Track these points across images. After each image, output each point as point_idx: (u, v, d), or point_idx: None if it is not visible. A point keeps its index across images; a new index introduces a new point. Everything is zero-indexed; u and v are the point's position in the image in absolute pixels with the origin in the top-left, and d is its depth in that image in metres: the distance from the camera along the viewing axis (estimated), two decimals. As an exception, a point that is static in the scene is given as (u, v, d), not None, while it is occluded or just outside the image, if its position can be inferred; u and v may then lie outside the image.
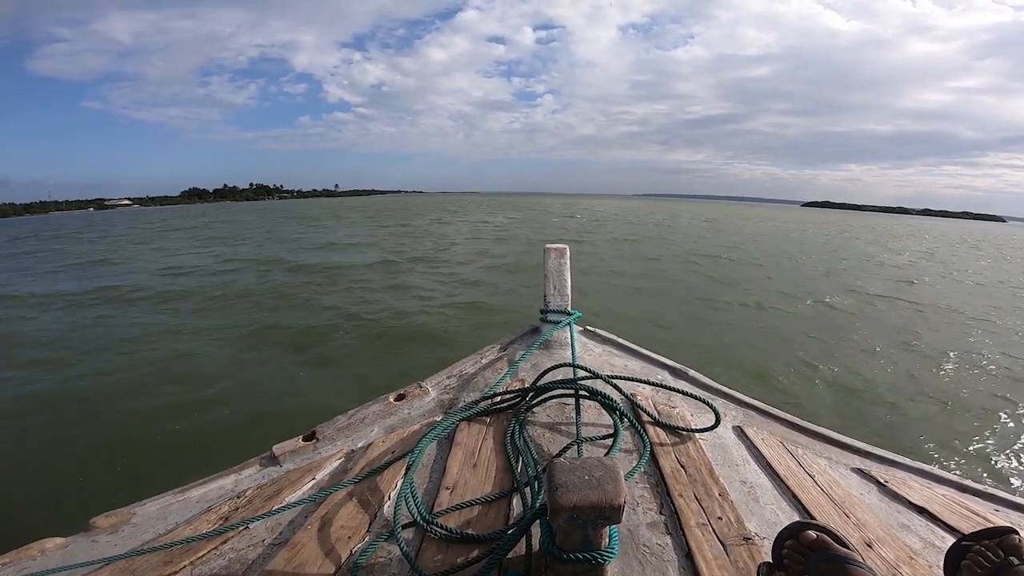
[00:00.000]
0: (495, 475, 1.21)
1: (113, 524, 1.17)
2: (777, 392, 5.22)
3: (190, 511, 1.20)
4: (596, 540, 0.81)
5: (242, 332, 7.19)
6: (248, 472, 1.35)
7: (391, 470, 1.24)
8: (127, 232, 30.25)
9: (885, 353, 6.73)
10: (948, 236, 43.59)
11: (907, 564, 0.97)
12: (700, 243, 21.12)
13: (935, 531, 1.13)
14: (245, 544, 1.05)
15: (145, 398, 4.92)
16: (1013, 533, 0.82)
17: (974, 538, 0.85)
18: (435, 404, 1.60)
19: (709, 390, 1.68)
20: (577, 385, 1.49)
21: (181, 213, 65.59)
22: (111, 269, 14.15)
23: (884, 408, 5.03)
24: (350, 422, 1.50)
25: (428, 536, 1.02)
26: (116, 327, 7.60)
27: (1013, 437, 4.53)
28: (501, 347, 1.91)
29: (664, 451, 1.29)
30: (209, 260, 15.21)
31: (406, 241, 19.74)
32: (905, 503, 1.22)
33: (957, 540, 0.89)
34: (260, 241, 21.15)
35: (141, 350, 6.42)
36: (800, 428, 1.53)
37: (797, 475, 1.25)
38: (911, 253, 22.42)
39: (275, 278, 11.65)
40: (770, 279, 12.45)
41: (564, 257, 1.91)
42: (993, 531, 0.84)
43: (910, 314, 9.23)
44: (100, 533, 1.15)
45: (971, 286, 13.40)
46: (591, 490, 0.76)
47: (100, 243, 23.07)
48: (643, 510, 1.09)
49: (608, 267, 13.37)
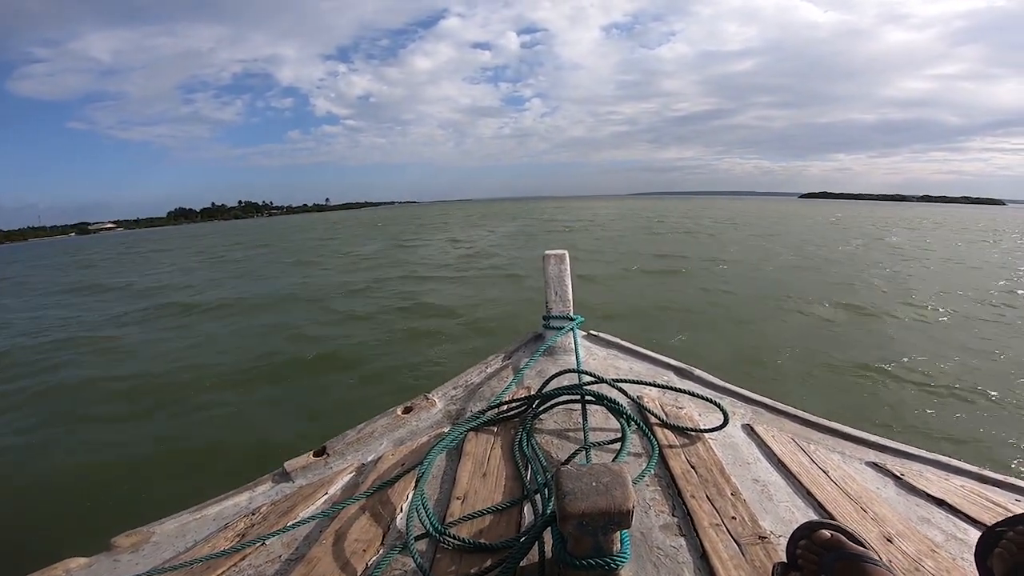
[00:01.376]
0: (505, 484, 1.21)
1: (134, 543, 1.19)
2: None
3: (207, 528, 1.22)
4: (607, 545, 0.81)
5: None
6: (262, 489, 1.36)
7: (402, 482, 1.24)
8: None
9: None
10: (989, 223, 40.78)
11: (929, 557, 0.95)
12: (776, 255, 15.73)
13: (956, 523, 1.10)
14: (263, 560, 1.06)
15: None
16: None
17: (1008, 524, 0.82)
18: (442, 415, 1.60)
19: (716, 389, 1.68)
20: (583, 390, 1.49)
21: (164, 236, 61.85)
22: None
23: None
24: (359, 436, 1.51)
25: (441, 547, 1.02)
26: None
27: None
28: (505, 355, 1.92)
29: (673, 452, 1.29)
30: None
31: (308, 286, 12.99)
32: (923, 496, 1.20)
33: (990, 527, 0.86)
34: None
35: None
36: (811, 423, 1.51)
37: (810, 471, 1.24)
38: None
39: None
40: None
41: (564, 263, 1.92)
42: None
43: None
44: (122, 552, 1.17)
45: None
46: (599, 496, 0.77)
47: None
48: (655, 512, 1.09)
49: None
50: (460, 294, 10.74)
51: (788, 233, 25.14)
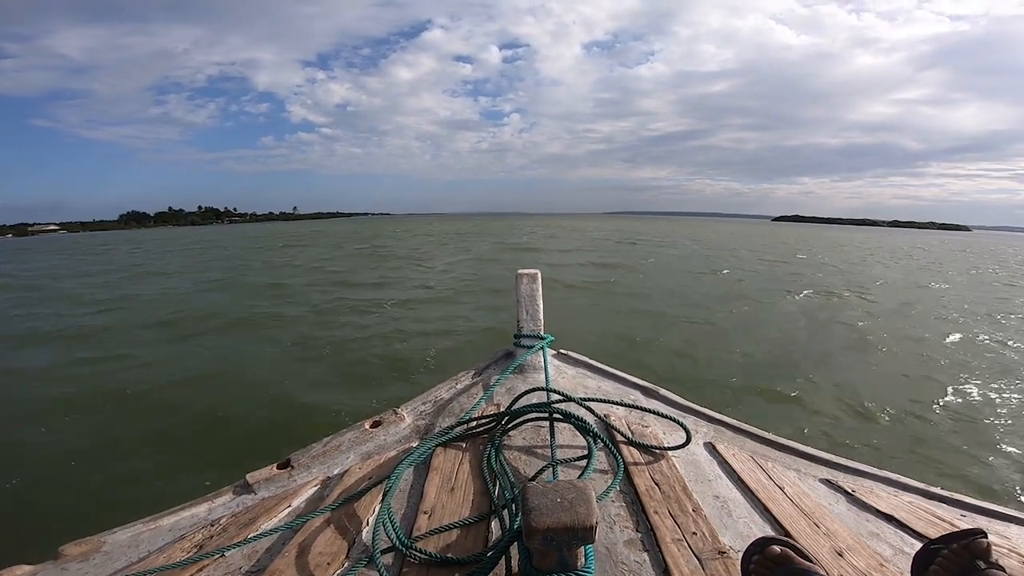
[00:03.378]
0: (472, 499, 1.21)
1: (83, 552, 1.14)
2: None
3: (162, 539, 1.18)
4: (572, 560, 0.82)
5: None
6: (222, 500, 1.32)
7: (368, 496, 1.23)
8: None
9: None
10: (983, 250, 39.54)
11: (878, 571, 0.99)
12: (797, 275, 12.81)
13: (904, 538, 1.16)
14: (221, 572, 1.03)
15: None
16: (980, 536, 0.83)
17: (942, 542, 0.86)
18: (411, 430, 1.60)
19: (680, 408, 1.72)
20: (551, 409, 1.51)
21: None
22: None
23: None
24: (325, 449, 1.49)
25: (408, 561, 1.01)
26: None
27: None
28: (476, 372, 1.93)
29: (638, 470, 1.32)
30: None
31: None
32: (873, 511, 1.25)
33: (925, 544, 0.90)
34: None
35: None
36: (769, 442, 1.57)
37: (768, 488, 1.28)
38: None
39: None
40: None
41: (536, 282, 1.95)
42: (960, 534, 0.85)
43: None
44: (70, 561, 1.12)
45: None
46: (563, 512, 0.78)
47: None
48: (620, 528, 1.11)
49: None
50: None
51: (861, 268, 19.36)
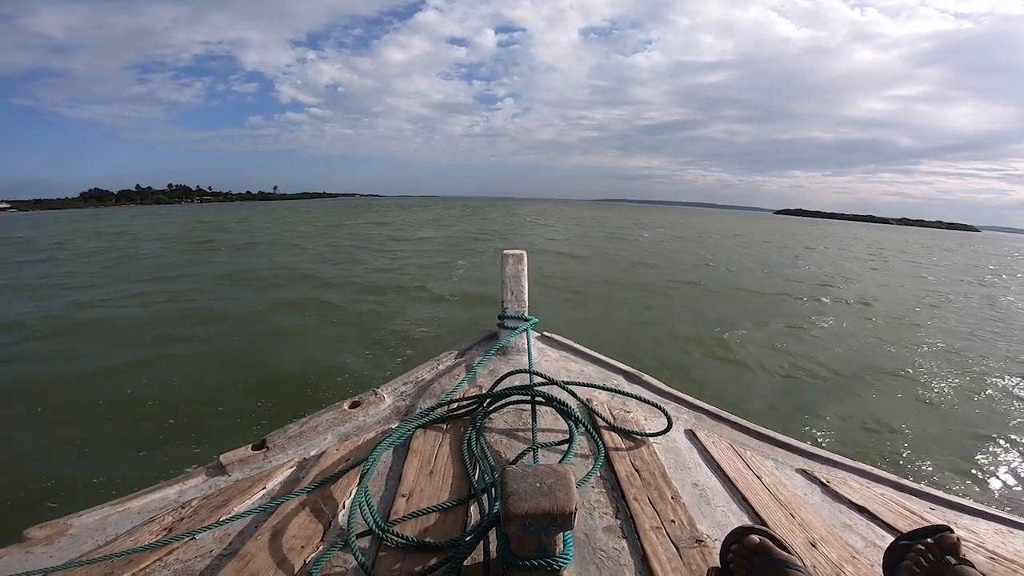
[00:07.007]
0: (452, 482, 1.20)
1: (48, 535, 1.11)
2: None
3: (131, 522, 1.14)
4: (550, 546, 0.81)
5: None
6: (193, 482, 1.29)
7: (345, 478, 1.21)
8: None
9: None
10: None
11: (850, 563, 1.01)
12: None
13: (875, 530, 1.17)
14: (192, 555, 1.01)
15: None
16: (949, 532, 0.84)
17: (912, 537, 0.87)
18: (391, 411, 1.57)
19: (662, 394, 1.72)
20: (533, 391, 1.49)
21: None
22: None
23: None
24: (302, 430, 1.45)
25: (384, 544, 1.00)
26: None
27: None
28: (458, 353, 1.90)
29: (619, 456, 1.32)
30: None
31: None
32: (846, 503, 1.27)
33: (895, 540, 0.91)
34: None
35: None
36: (748, 430, 1.58)
37: (746, 477, 1.29)
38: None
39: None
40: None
41: (522, 263, 1.92)
42: (930, 530, 0.86)
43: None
44: (34, 545, 1.08)
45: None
46: (542, 497, 0.77)
47: None
48: (599, 515, 1.10)
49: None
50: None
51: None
